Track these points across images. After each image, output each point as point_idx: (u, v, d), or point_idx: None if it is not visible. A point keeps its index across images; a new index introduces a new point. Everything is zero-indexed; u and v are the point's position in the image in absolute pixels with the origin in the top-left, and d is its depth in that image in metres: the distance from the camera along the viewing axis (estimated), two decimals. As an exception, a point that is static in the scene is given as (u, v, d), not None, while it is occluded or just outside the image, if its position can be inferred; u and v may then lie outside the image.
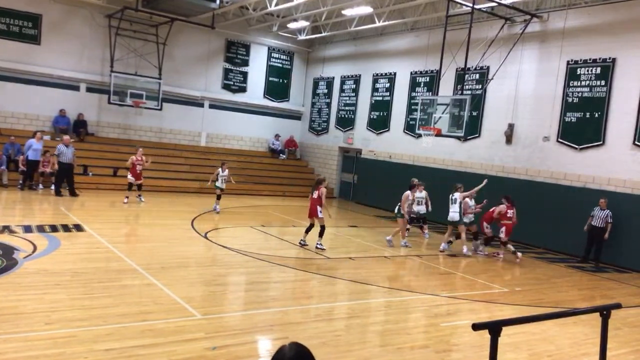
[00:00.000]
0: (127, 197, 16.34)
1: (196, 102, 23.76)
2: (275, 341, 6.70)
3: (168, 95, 22.46)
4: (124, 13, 20.13)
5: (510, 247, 13.36)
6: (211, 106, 24.21)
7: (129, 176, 16.59)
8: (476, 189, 13.90)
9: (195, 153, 23.26)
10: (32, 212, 14.65)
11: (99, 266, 9.23)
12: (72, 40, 20.69)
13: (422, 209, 14.88)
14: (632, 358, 7.23)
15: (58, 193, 16.82)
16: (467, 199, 13.59)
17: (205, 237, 12.73)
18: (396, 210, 13.70)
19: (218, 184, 16.31)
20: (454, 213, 13.35)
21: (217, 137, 24.53)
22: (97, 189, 18.61)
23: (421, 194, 14.75)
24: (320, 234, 12.23)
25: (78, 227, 12.25)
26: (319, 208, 12.26)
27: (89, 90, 21.24)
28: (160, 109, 22.07)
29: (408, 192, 13.61)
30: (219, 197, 16.41)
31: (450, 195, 13.56)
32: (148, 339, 6.21)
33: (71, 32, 20.68)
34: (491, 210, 13.58)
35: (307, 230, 12.51)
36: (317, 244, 12.22)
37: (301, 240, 12.54)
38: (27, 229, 11.53)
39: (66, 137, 17.25)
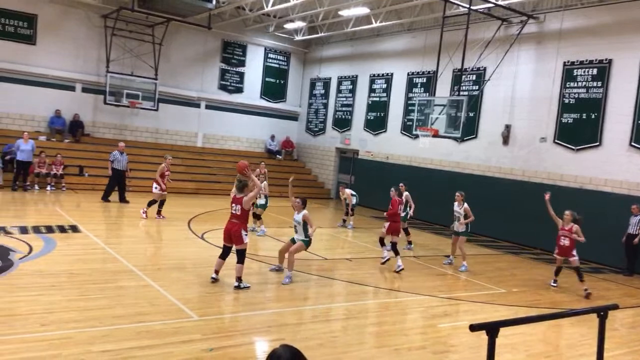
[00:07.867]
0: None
1: (192, 103, 23.71)
2: (272, 342, 6.68)
3: (164, 95, 22.40)
4: (119, 13, 20.11)
5: None
6: (207, 107, 24.15)
7: None
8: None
9: (191, 154, 23.20)
10: (27, 212, 14.58)
11: (94, 267, 9.19)
12: (67, 41, 20.61)
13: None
14: (629, 359, 7.23)
15: (106, 198, 16.54)
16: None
17: (202, 238, 12.69)
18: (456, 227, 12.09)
19: (260, 201, 13.23)
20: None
21: (214, 137, 24.48)
22: (93, 190, 18.52)
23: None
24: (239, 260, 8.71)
25: (74, 228, 12.19)
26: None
27: (84, 90, 21.17)
28: (157, 110, 22.03)
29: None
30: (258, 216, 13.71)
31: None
32: (144, 341, 6.18)
33: (67, 33, 20.61)
34: None
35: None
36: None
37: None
38: (23, 230, 11.46)
39: (121, 144, 17.05)
